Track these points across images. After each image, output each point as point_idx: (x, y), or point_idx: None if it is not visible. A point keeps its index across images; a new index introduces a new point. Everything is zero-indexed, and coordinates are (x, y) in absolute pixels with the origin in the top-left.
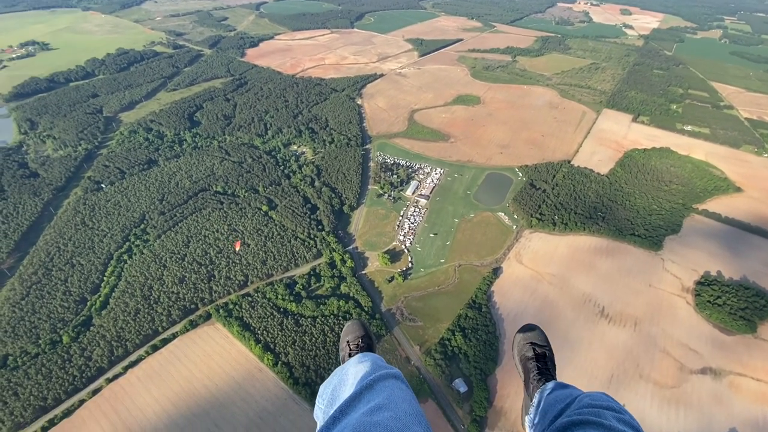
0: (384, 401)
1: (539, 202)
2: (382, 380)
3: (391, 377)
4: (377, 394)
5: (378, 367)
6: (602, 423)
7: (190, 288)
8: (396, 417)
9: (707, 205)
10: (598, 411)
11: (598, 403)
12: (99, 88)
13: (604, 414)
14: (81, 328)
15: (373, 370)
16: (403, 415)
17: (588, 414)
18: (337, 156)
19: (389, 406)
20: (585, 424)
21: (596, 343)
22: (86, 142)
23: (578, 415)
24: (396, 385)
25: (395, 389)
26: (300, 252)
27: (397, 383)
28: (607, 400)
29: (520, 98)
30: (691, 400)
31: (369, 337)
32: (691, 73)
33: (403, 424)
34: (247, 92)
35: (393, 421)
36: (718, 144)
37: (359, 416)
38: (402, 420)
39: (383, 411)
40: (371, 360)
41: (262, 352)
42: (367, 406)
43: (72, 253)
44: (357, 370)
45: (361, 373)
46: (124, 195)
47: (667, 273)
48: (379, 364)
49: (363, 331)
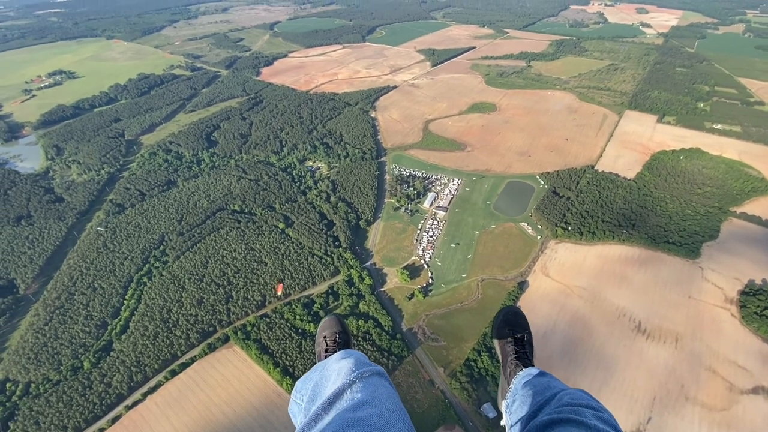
0: (367, 398)
1: (563, 210)
2: (366, 377)
3: (375, 374)
4: (361, 390)
5: (361, 364)
6: (582, 421)
7: (209, 310)
8: (379, 414)
9: (745, 207)
10: (578, 409)
11: (577, 402)
12: (121, 112)
13: (584, 412)
14: (101, 353)
15: (356, 366)
16: (386, 412)
17: (568, 412)
18: (352, 170)
19: (373, 402)
20: (566, 422)
21: (634, 362)
22: (109, 165)
23: (558, 413)
24: (379, 382)
25: (379, 386)
26: (317, 270)
27: (381, 381)
28: (586, 399)
29: (537, 103)
30: (744, 423)
31: (346, 333)
32: (716, 70)
33: (387, 421)
34: (262, 110)
35: (376, 418)
36: (751, 142)
37: (343, 412)
38: (385, 417)
39: (367, 407)
40: (354, 357)
41: (280, 377)
42: (350, 402)
43: (94, 277)
44: (340, 367)
45: (344, 370)
46: (144, 217)
47: (708, 283)
48: (362, 361)
49: (340, 327)
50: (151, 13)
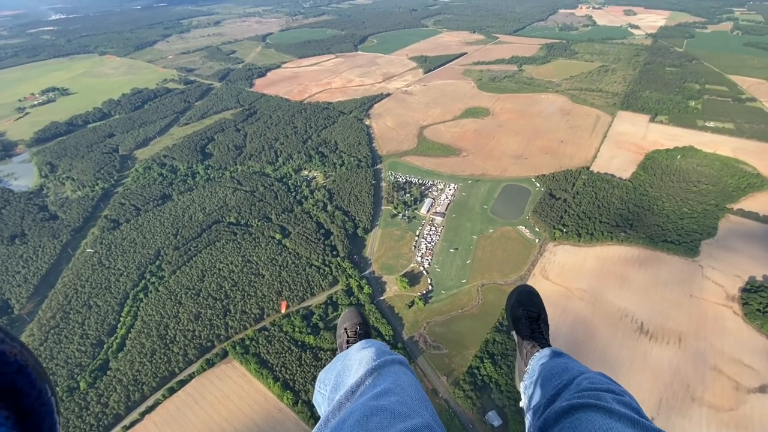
0: (390, 386)
1: (561, 212)
2: (388, 365)
3: (397, 363)
4: (383, 379)
5: (383, 353)
6: (603, 406)
7: (206, 325)
8: (402, 402)
9: (742, 204)
10: (599, 394)
11: (597, 386)
12: (115, 127)
13: (605, 397)
14: (98, 372)
15: (378, 355)
16: (409, 400)
17: (588, 397)
18: (348, 178)
19: (396, 390)
20: (586, 408)
21: (638, 364)
22: (103, 181)
23: (578, 399)
24: (401, 370)
25: (401, 375)
26: (315, 280)
27: (403, 369)
28: (606, 383)
29: (530, 106)
30: (753, 422)
31: (366, 325)
32: (706, 68)
33: (410, 409)
34: (256, 121)
35: (400, 406)
36: (745, 138)
37: (366, 400)
38: (409, 405)
39: (390, 395)
40: (375, 346)
41: (281, 391)
42: (373, 390)
43: (89, 295)
44: (361, 356)
45: (366, 359)
46: (139, 232)
47: (708, 281)
48: (384, 349)
49: (360, 318)
50: (143, 29)
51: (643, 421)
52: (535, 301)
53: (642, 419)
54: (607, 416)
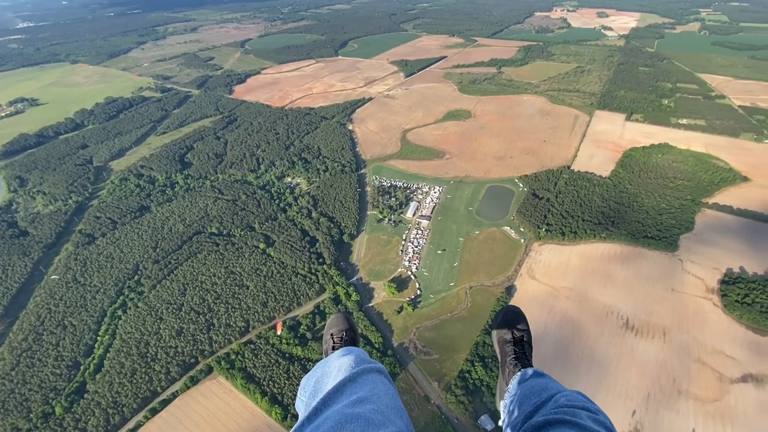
0: (367, 394)
1: (544, 212)
2: (366, 374)
3: (375, 371)
4: (360, 387)
5: (361, 361)
6: (578, 423)
7: (189, 340)
8: (378, 410)
9: (717, 198)
10: (574, 411)
11: (574, 403)
12: (88, 138)
13: (580, 414)
14: (74, 396)
15: (356, 363)
16: (385, 409)
17: (564, 413)
18: (332, 184)
19: (372, 399)
20: (561, 424)
21: (626, 360)
22: (76, 194)
23: (554, 414)
24: (379, 379)
25: (378, 383)
26: (302, 289)
27: (380, 377)
28: (582, 401)
29: (511, 108)
30: (737, 412)
31: (353, 331)
32: (676, 68)
33: (385, 417)
34: (237, 129)
35: (375, 414)
36: (716, 134)
37: (341, 408)
38: (384, 413)
39: (365, 404)
40: (355, 354)
41: (269, 406)
42: (349, 398)
43: (63, 314)
44: (340, 363)
45: (345, 366)
46: (116, 246)
47: (688, 274)
48: (363, 357)
49: (347, 324)
50: (117, 36)
51: None
52: (520, 322)
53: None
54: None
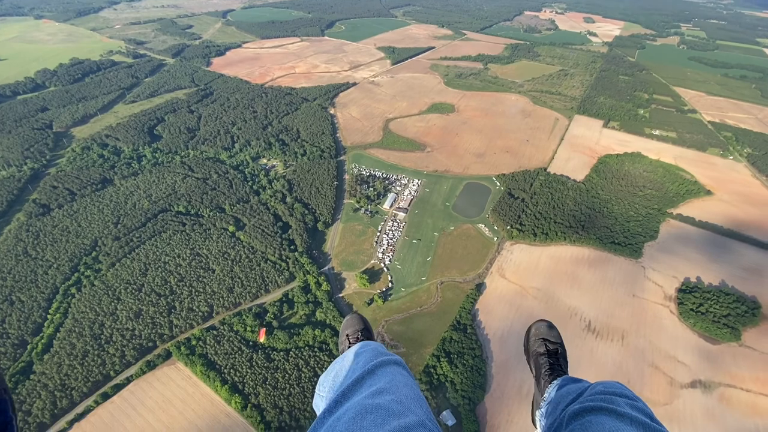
0: (385, 385)
1: (518, 212)
2: (384, 366)
3: (392, 363)
4: (379, 378)
5: (379, 354)
6: (615, 410)
7: (148, 323)
8: (397, 400)
9: (681, 209)
10: (611, 398)
11: (611, 390)
12: (49, 101)
13: (617, 401)
14: (20, 377)
15: (374, 356)
16: (404, 399)
17: (601, 401)
18: (309, 169)
19: (391, 390)
20: (598, 411)
21: (585, 360)
22: (32, 160)
23: (591, 402)
24: (397, 370)
25: (396, 374)
26: (271, 276)
27: (398, 369)
28: (620, 388)
29: (494, 105)
30: (684, 416)
31: (368, 331)
32: (654, 79)
33: (405, 407)
34: (212, 103)
35: (394, 404)
36: (685, 147)
37: (361, 399)
38: (403, 403)
39: (385, 394)
40: (372, 347)
41: (229, 394)
42: (369, 389)
43: (11, 289)
44: (358, 357)
45: (363, 360)
46: (73, 219)
47: (649, 281)
48: (380, 350)
49: (362, 324)
50: None
51: (654, 425)
52: (554, 335)
53: (653, 423)
54: (618, 419)
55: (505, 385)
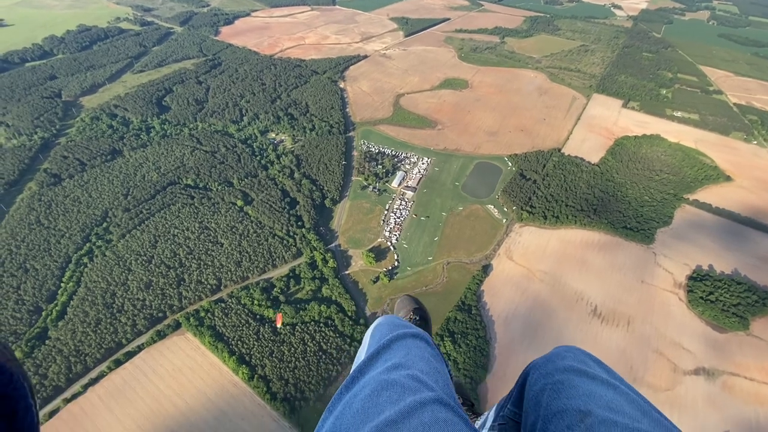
0: (401, 360)
1: (529, 193)
2: (400, 339)
3: (410, 336)
4: (395, 353)
5: (396, 327)
6: (586, 371)
7: (158, 294)
8: (413, 375)
9: (698, 195)
10: (582, 358)
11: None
12: (58, 69)
13: (588, 362)
14: (35, 341)
15: (390, 330)
16: (419, 374)
17: (572, 359)
18: (318, 145)
19: (406, 364)
20: (570, 371)
21: (589, 345)
22: (43, 129)
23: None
24: (414, 343)
25: (413, 348)
26: (278, 251)
27: (416, 342)
28: (583, 351)
29: (509, 82)
30: (686, 402)
31: (422, 309)
32: (680, 57)
33: (420, 382)
34: (220, 74)
35: (409, 380)
36: (707, 131)
37: (376, 374)
38: (419, 378)
39: (401, 369)
40: (389, 321)
41: (236, 365)
42: (384, 365)
43: (25, 257)
44: (375, 332)
45: (378, 334)
46: (84, 190)
47: (660, 268)
48: (398, 323)
49: (414, 303)
50: None
51: (624, 388)
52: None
53: (623, 387)
54: (591, 381)
55: (507, 365)
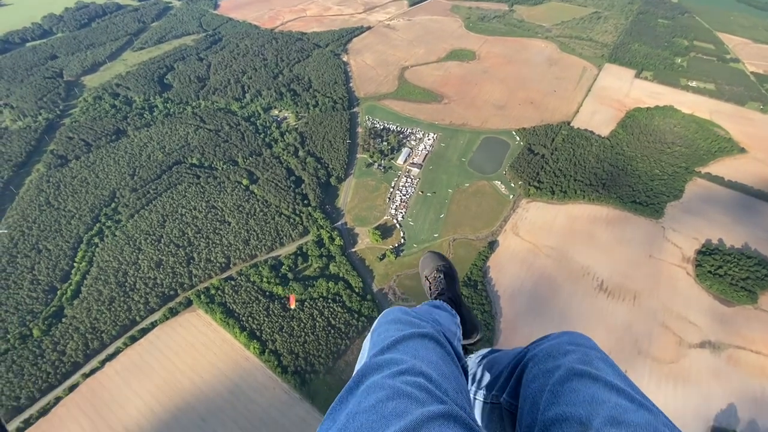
0: (408, 365)
1: (537, 168)
2: (407, 340)
3: (417, 337)
4: (401, 355)
5: (403, 325)
6: (590, 372)
7: (168, 273)
8: (419, 384)
9: (710, 167)
10: (585, 350)
11: (577, 341)
12: (58, 48)
13: (591, 355)
14: (52, 319)
15: (397, 328)
16: (425, 382)
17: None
18: (322, 121)
19: (413, 369)
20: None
21: (594, 320)
22: (47, 111)
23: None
24: (423, 344)
25: (421, 350)
26: (285, 230)
27: (424, 342)
28: (586, 339)
29: (518, 53)
30: (690, 375)
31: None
32: (697, 23)
33: (428, 393)
34: (221, 50)
35: (416, 389)
36: (723, 101)
37: (380, 379)
38: (425, 388)
39: (406, 375)
40: (396, 317)
41: (247, 340)
42: (389, 369)
43: (38, 238)
44: (380, 329)
45: (384, 332)
46: (91, 170)
47: (668, 242)
48: (405, 320)
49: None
50: None
51: (629, 390)
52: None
53: (628, 389)
54: (593, 383)
55: (512, 339)
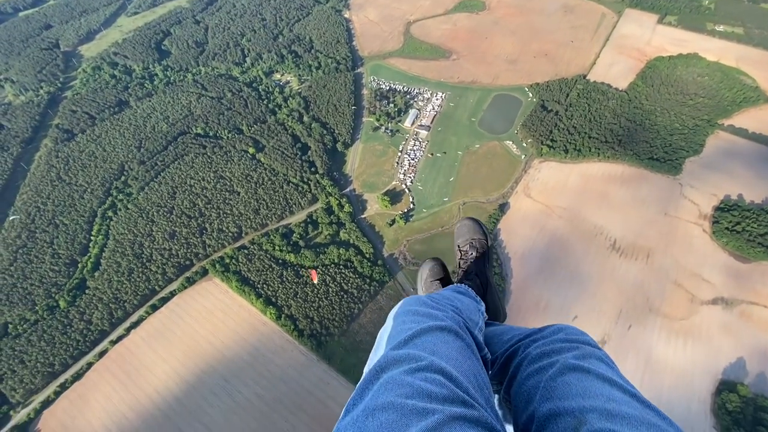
0: (428, 362)
1: (551, 126)
2: (425, 333)
3: (436, 330)
4: (419, 350)
5: (421, 318)
6: (582, 366)
7: (183, 243)
8: (439, 382)
9: (734, 119)
10: (578, 346)
11: (573, 337)
12: (51, 16)
13: (586, 350)
14: (76, 291)
15: (414, 321)
16: (444, 379)
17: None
18: (325, 84)
19: (432, 366)
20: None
21: (606, 279)
22: (48, 84)
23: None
24: (442, 338)
25: (440, 344)
26: (294, 198)
27: (443, 336)
28: (582, 335)
29: (530, 1)
30: (700, 331)
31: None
32: None
33: (448, 390)
34: (218, 11)
35: (436, 386)
36: (751, 46)
37: (398, 374)
38: (445, 385)
39: (425, 372)
40: (413, 309)
41: (264, 306)
42: (408, 364)
43: (53, 213)
44: (398, 320)
45: (401, 324)
46: (98, 144)
47: (685, 199)
48: (423, 311)
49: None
50: None
51: (623, 383)
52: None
53: (622, 382)
54: (585, 374)
55: (522, 300)
